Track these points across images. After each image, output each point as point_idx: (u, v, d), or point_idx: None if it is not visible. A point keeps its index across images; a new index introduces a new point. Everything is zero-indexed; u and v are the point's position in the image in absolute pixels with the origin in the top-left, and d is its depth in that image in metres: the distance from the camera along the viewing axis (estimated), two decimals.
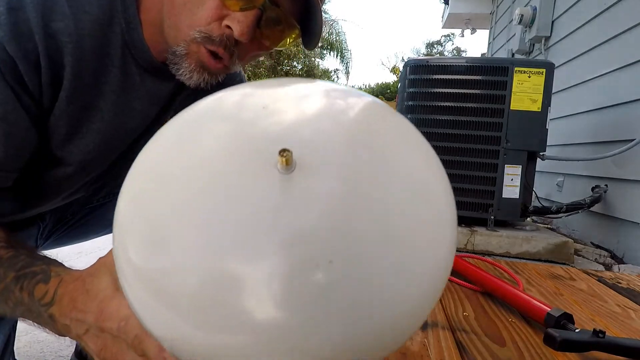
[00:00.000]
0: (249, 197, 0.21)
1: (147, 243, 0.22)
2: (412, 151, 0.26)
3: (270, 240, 0.20)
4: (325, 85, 0.28)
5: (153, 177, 0.24)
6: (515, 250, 1.30)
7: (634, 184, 1.48)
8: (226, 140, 0.23)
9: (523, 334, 0.59)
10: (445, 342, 0.56)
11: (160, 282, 0.22)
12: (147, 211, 0.23)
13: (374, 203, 0.22)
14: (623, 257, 1.49)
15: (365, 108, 0.27)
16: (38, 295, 0.36)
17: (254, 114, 0.24)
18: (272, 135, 0.23)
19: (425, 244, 0.23)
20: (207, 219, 0.21)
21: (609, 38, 1.74)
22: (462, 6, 4.67)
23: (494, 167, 1.37)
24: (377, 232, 0.21)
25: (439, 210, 0.25)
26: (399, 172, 0.24)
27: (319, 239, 0.20)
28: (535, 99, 1.35)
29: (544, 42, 2.45)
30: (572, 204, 1.55)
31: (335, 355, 0.21)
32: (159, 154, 0.26)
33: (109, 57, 0.47)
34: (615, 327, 0.65)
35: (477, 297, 0.74)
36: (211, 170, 0.22)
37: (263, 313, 0.20)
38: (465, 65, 1.39)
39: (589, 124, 1.88)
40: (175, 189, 0.22)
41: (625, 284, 0.91)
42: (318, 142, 0.23)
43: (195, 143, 0.24)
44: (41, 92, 0.42)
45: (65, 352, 0.90)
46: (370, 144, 0.24)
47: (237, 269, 0.20)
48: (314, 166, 0.22)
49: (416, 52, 22.00)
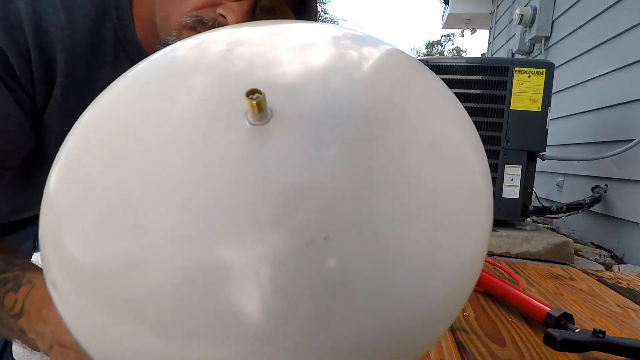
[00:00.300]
0: (215, 164, 0.15)
1: (95, 231, 0.17)
2: (432, 99, 0.19)
3: (243, 217, 0.15)
4: (315, 25, 0.22)
5: (101, 142, 0.18)
6: (515, 250, 1.30)
7: (634, 184, 1.48)
8: (182, 92, 0.18)
9: (523, 334, 0.59)
10: (445, 342, 0.55)
11: (114, 281, 0.16)
12: (97, 188, 0.17)
13: (382, 166, 0.16)
14: (623, 257, 1.49)
15: (363, 44, 0.20)
16: (8, 304, 0.33)
17: (215, 58, 0.19)
18: (237, 78, 0.17)
19: (452, 223, 0.17)
20: (161, 196, 0.16)
21: (609, 38, 1.74)
22: (462, 6, 4.67)
23: (494, 167, 1.37)
24: (388, 204, 0.15)
25: (470, 179, 0.18)
26: (415, 122, 0.17)
27: (306, 210, 0.15)
28: (535, 99, 1.35)
29: (544, 42, 2.45)
30: (572, 204, 1.55)
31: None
32: (107, 115, 0.20)
33: (102, 53, 0.46)
34: (615, 327, 0.65)
35: (477, 297, 0.73)
36: (167, 134, 0.17)
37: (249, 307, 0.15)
38: (465, 65, 1.39)
39: (589, 124, 1.88)
40: (131, 158, 0.17)
41: (625, 284, 0.91)
42: (302, 83, 0.17)
43: (144, 105, 0.18)
44: (34, 88, 0.41)
45: None
46: (374, 88, 0.17)
47: (205, 256, 0.15)
48: (296, 115, 0.16)
49: (416, 52, 21.98)
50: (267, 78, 0.17)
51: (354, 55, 0.19)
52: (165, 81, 0.19)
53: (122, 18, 0.46)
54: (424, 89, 0.19)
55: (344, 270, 0.15)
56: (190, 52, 0.21)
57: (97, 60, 0.46)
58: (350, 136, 0.16)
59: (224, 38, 0.21)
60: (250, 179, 0.15)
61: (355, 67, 0.18)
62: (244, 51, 0.19)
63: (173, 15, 0.44)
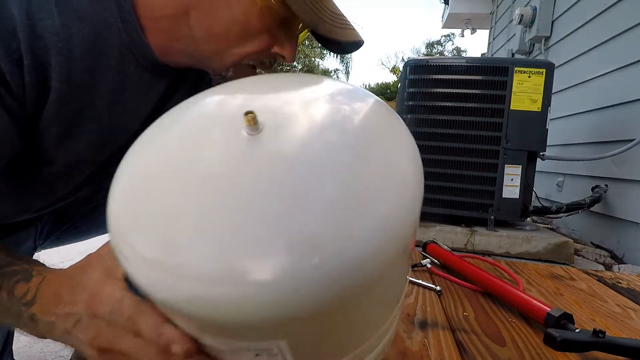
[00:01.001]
0: (224, 162, 0.24)
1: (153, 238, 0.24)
2: (368, 109, 0.29)
3: (245, 196, 0.22)
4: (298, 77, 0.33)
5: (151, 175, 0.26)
6: (515, 250, 1.30)
7: (634, 184, 1.48)
8: (201, 118, 0.28)
9: (523, 334, 0.59)
10: (445, 342, 0.56)
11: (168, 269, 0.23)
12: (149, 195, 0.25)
13: (336, 151, 0.24)
14: (623, 257, 1.49)
15: (325, 87, 0.30)
16: (18, 294, 0.35)
17: (231, 110, 0.27)
18: (238, 107, 0.25)
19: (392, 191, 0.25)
20: (194, 192, 0.23)
21: (609, 38, 1.74)
22: (462, 6, 4.67)
23: (494, 167, 1.37)
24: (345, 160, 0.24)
25: (403, 175, 0.26)
26: (345, 123, 0.27)
27: (287, 184, 0.22)
28: (535, 99, 1.35)
29: (544, 42, 2.45)
30: (572, 204, 1.55)
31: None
32: (153, 151, 0.28)
33: (106, 57, 0.45)
34: (615, 327, 0.65)
35: (477, 297, 0.74)
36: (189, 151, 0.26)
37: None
38: (465, 65, 1.39)
39: (589, 124, 1.88)
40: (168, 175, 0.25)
41: (625, 284, 0.91)
42: (283, 108, 0.26)
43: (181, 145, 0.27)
44: (24, 93, 0.40)
45: (65, 352, 0.90)
46: (326, 107, 0.28)
47: (224, 225, 0.22)
48: (280, 127, 0.25)
49: (416, 52, 21.99)
50: (261, 106, 0.25)
51: (340, 107, 0.28)
52: (194, 131, 0.27)
53: (127, 20, 0.45)
54: (380, 129, 0.29)
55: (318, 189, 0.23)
56: (214, 109, 0.29)
57: (100, 63, 0.45)
58: (314, 134, 0.25)
59: (241, 101, 0.29)
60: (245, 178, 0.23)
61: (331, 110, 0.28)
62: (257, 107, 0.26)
63: (228, 54, 0.48)
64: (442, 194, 1.43)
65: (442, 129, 1.41)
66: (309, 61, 14.31)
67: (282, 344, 0.23)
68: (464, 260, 0.84)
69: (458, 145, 1.40)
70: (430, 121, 1.43)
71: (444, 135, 1.41)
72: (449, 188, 1.42)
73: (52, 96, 0.42)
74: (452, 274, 0.85)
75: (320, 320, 0.23)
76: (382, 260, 0.22)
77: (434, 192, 1.43)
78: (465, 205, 1.41)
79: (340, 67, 20.05)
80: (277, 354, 0.24)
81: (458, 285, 0.79)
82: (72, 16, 0.41)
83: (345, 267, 0.21)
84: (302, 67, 14.12)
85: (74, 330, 0.32)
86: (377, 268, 0.22)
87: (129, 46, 0.47)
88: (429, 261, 0.90)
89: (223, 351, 0.26)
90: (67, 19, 0.41)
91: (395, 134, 0.29)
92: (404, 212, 0.24)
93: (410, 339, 0.56)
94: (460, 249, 1.32)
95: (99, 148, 0.52)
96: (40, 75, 0.41)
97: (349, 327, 0.26)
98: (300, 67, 14.07)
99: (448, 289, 0.77)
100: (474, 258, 1.04)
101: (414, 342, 0.55)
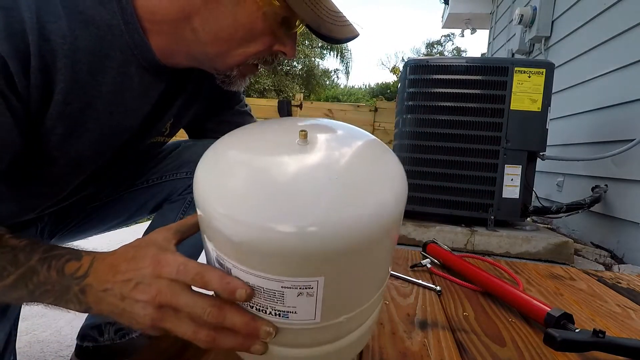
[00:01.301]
0: (285, 158, 0.37)
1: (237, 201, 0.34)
2: (371, 146, 0.42)
3: (296, 171, 0.35)
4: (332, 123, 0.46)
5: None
6: (515, 250, 1.30)
7: (634, 184, 1.48)
8: (274, 134, 0.42)
9: (523, 334, 0.59)
10: (445, 342, 0.56)
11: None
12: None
13: (351, 157, 0.38)
14: (623, 257, 1.49)
15: (351, 131, 0.44)
16: (69, 271, 0.39)
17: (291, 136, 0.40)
18: (298, 128, 0.39)
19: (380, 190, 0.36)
20: (266, 174, 0.35)
21: (609, 38, 1.74)
22: (462, 6, 4.67)
23: (494, 167, 1.38)
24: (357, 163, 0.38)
25: (387, 171, 0.39)
26: (364, 149, 0.41)
27: (325, 171, 0.35)
28: (535, 99, 1.35)
29: (544, 42, 2.45)
30: (572, 204, 1.55)
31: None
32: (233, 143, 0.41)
33: (108, 58, 0.46)
34: (615, 327, 0.65)
35: (477, 297, 0.74)
36: (264, 151, 0.38)
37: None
38: (465, 65, 1.39)
39: (589, 124, 1.88)
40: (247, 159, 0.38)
41: (625, 284, 0.91)
42: (323, 134, 0.41)
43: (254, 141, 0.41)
44: (29, 93, 0.41)
45: (65, 352, 0.90)
46: (348, 138, 0.42)
47: (284, 195, 0.33)
48: (318, 142, 0.38)
49: (416, 52, 21.99)
50: (310, 129, 0.39)
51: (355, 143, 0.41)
52: (271, 132, 0.43)
53: (129, 23, 0.46)
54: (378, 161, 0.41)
55: (339, 185, 0.35)
56: (284, 125, 0.44)
57: (102, 64, 0.46)
58: (338, 150, 0.39)
59: (300, 124, 0.43)
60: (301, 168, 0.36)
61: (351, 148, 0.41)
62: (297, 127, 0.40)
63: (233, 56, 0.50)
64: (442, 194, 1.43)
65: (442, 129, 1.41)
66: (309, 61, 14.31)
67: (320, 280, 0.33)
68: (464, 260, 0.84)
69: (458, 145, 1.40)
70: (430, 121, 1.43)
71: (444, 135, 1.41)
72: (449, 188, 1.42)
73: (57, 97, 0.43)
74: (452, 274, 0.85)
75: (345, 261, 0.33)
76: (377, 226, 0.34)
77: (434, 192, 1.44)
78: (465, 205, 1.41)
79: (340, 67, 20.07)
80: (314, 293, 0.34)
81: (458, 285, 0.80)
82: (78, 19, 0.42)
83: (355, 226, 0.32)
84: (302, 67, 14.12)
85: (132, 292, 0.36)
86: (374, 230, 0.33)
87: (130, 48, 0.47)
88: (429, 261, 0.90)
89: (273, 292, 0.34)
90: (74, 22, 0.42)
91: (388, 156, 0.41)
92: (391, 203, 0.36)
93: (410, 339, 0.56)
94: (460, 249, 1.32)
95: (101, 147, 0.53)
96: (45, 76, 0.42)
97: (360, 280, 0.37)
98: (300, 67, 14.07)
99: (448, 289, 0.77)
100: (474, 258, 1.04)
101: (414, 342, 0.55)
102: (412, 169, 1.45)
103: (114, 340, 0.73)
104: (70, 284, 0.38)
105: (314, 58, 14.50)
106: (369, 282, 0.39)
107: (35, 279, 0.39)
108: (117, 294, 0.36)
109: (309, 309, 0.35)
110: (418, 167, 1.44)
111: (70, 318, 1.00)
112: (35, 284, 0.39)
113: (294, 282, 0.33)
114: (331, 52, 14.14)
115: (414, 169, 1.45)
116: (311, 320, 0.35)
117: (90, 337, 0.73)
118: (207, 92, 0.65)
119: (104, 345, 0.73)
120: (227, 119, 0.72)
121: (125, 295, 0.36)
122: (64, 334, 0.96)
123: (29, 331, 0.97)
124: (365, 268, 0.37)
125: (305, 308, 0.35)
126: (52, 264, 0.39)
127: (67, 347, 0.92)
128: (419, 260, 0.91)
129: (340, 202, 0.33)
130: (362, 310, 0.39)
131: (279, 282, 0.33)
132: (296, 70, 13.84)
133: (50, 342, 0.94)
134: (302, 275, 0.33)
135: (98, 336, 0.73)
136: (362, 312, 0.39)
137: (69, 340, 0.93)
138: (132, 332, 0.74)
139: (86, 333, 0.73)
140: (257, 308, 0.36)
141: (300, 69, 14.05)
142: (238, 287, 0.34)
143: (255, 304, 0.36)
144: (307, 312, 0.35)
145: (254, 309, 0.36)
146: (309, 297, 0.34)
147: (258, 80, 11.03)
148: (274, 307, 0.35)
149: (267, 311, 0.35)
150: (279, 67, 12.40)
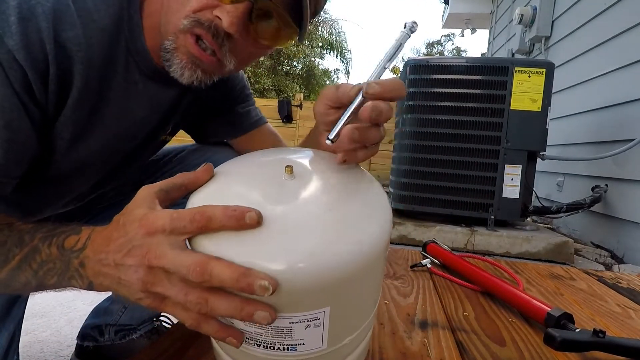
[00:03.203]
0: (272, 192, 0.37)
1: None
2: (359, 175, 0.43)
3: (280, 202, 0.36)
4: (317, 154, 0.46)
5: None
6: (515, 250, 1.30)
7: (634, 184, 1.48)
8: (261, 169, 0.42)
9: (523, 334, 0.59)
10: (445, 342, 0.56)
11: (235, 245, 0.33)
12: None
13: (335, 192, 0.39)
14: (623, 257, 1.49)
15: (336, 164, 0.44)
16: (69, 245, 0.38)
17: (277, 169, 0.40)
18: (284, 162, 0.40)
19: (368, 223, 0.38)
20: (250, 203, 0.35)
21: (609, 38, 1.74)
22: (462, 6, 4.67)
23: (494, 167, 1.38)
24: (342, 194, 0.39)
25: (374, 205, 0.40)
26: (350, 182, 0.41)
27: (311, 205, 0.36)
28: (535, 98, 1.35)
29: (544, 42, 2.45)
30: (572, 204, 1.55)
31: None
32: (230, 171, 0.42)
33: (114, 65, 0.47)
34: (615, 327, 0.65)
35: (477, 297, 0.74)
36: (250, 186, 0.38)
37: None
38: (465, 65, 1.39)
39: (589, 123, 1.88)
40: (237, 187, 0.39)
41: (625, 284, 0.91)
42: (308, 168, 0.41)
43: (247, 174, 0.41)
44: (47, 100, 0.43)
45: (65, 352, 0.90)
46: (334, 171, 0.42)
47: (270, 216, 0.33)
48: (305, 176, 0.40)
49: (416, 52, 21.97)
50: (295, 162, 0.41)
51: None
52: (256, 167, 0.43)
53: (133, 30, 0.47)
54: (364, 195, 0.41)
55: (334, 217, 0.36)
56: (271, 159, 0.44)
57: (110, 71, 0.47)
58: (324, 184, 0.39)
59: (287, 159, 0.43)
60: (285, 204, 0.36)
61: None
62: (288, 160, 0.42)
63: (172, 19, 0.46)
64: (442, 193, 1.43)
65: (442, 129, 1.41)
66: (309, 61, 14.31)
67: (326, 310, 0.34)
68: (464, 260, 0.84)
69: (458, 145, 1.40)
70: (430, 121, 1.43)
71: (444, 135, 1.41)
72: (449, 188, 1.42)
73: (70, 102, 0.45)
74: (452, 273, 0.85)
75: (347, 288, 0.34)
76: (365, 258, 0.35)
77: (434, 192, 1.44)
78: (465, 205, 1.41)
79: (340, 67, 20.07)
80: (320, 324, 0.34)
81: (458, 285, 0.80)
82: (92, 26, 0.44)
83: (349, 257, 0.33)
84: (302, 66, 14.12)
85: (123, 258, 0.34)
86: (363, 260, 0.34)
87: (132, 53, 0.49)
88: (429, 261, 0.90)
89: (281, 329, 0.34)
90: (89, 30, 0.43)
91: (373, 186, 0.42)
92: (377, 234, 0.37)
93: (410, 339, 0.56)
94: (460, 249, 1.32)
95: (105, 155, 0.53)
96: (62, 83, 0.43)
97: (360, 303, 0.38)
98: (300, 67, 14.07)
99: (448, 289, 0.77)
100: (474, 258, 1.04)
101: (414, 342, 0.55)
102: (412, 168, 1.45)
103: (114, 341, 0.73)
104: (70, 258, 0.37)
105: (314, 58, 14.50)
106: (367, 302, 0.40)
107: (38, 257, 0.38)
108: (111, 262, 0.35)
109: (317, 339, 0.36)
110: (418, 167, 1.44)
111: (70, 318, 1.00)
112: (39, 263, 0.38)
113: (301, 316, 0.34)
114: (331, 52, 14.13)
115: (414, 169, 1.45)
116: (319, 349, 0.36)
117: (91, 337, 0.73)
118: (208, 92, 0.65)
119: (104, 346, 0.73)
120: (227, 119, 0.72)
121: (118, 262, 0.34)
122: (64, 334, 0.96)
123: (29, 331, 0.97)
124: (364, 291, 0.38)
125: (313, 338, 0.35)
126: (52, 240, 0.39)
127: (67, 347, 0.92)
128: (419, 260, 0.91)
129: (330, 236, 0.34)
130: (363, 328, 0.40)
131: (287, 318, 0.33)
132: (296, 70, 13.84)
133: (50, 342, 0.94)
134: (311, 308, 0.33)
135: (98, 336, 0.73)
136: (363, 329, 0.41)
137: (69, 340, 0.94)
138: (132, 333, 0.74)
139: (87, 333, 0.73)
140: (265, 345, 0.35)
141: (300, 69, 14.04)
142: (245, 212, 0.32)
143: (263, 342, 0.35)
144: (314, 341, 0.36)
145: (261, 347, 0.36)
146: (316, 328, 0.35)
147: (258, 80, 11.02)
148: (282, 342, 0.35)
149: (275, 347, 0.35)
150: (279, 67, 12.40)
